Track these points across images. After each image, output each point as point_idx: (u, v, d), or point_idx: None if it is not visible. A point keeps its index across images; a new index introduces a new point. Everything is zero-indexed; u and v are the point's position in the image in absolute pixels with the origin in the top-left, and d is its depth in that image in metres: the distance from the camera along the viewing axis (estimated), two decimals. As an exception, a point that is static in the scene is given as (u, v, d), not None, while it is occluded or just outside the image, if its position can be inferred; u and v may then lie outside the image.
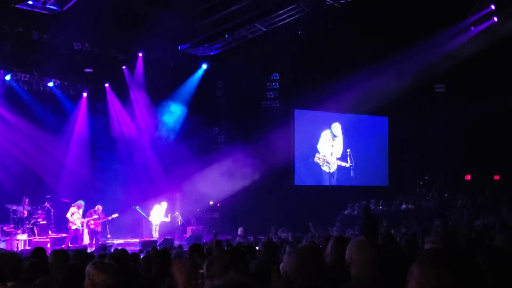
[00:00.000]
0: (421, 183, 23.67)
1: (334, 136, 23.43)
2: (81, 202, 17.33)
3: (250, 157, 20.32)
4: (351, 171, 23.77)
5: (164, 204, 18.79)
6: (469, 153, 22.31)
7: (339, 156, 23.56)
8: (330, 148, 23.39)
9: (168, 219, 18.98)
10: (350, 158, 23.64)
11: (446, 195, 22.38)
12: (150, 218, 18.49)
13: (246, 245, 10.64)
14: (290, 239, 14.26)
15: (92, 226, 17.34)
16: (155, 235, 18.23)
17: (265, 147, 20.23)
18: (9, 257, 4.31)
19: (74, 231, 17.04)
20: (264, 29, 18.95)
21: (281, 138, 21.16)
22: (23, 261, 4.55)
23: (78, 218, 17.11)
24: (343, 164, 23.59)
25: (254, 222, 19.78)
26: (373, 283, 3.66)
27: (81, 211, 17.25)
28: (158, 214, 18.57)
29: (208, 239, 16.19)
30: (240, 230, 18.10)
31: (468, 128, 22.32)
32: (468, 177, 23.50)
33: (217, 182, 20.17)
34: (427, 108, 23.09)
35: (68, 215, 17.11)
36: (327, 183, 23.42)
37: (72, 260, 6.55)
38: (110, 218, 17.77)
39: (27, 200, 17.12)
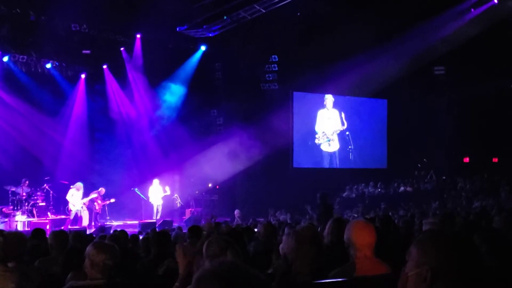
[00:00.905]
0: (419, 165, 23.71)
1: (327, 109, 23.40)
2: (80, 184, 17.34)
3: (249, 139, 20.30)
4: (350, 154, 23.79)
5: (156, 182, 18.75)
6: (467, 136, 22.33)
7: (337, 129, 23.54)
8: (327, 122, 23.37)
9: (168, 193, 18.95)
10: (349, 140, 23.64)
11: (444, 177, 22.44)
12: (150, 200, 18.53)
13: (245, 226, 10.69)
14: (289, 221, 14.32)
15: (97, 207, 17.41)
16: (157, 217, 18.26)
17: (264, 129, 20.21)
18: (15, 238, 4.33)
19: (75, 213, 17.08)
20: (263, 11, 18.83)
21: (280, 120, 21.14)
22: (24, 243, 4.56)
23: (78, 200, 17.14)
24: (342, 128, 23.56)
25: (253, 204, 19.84)
26: (372, 263, 3.68)
27: (80, 192, 17.27)
28: (156, 194, 18.58)
29: (205, 221, 16.26)
30: (236, 212, 18.12)
31: (467, 110, 22.33)
32: (466, 160, 23.56)
33: (216, 165, 20.18)
34: (426, 90, 23.04)
35: (68, 196, 17.13)
36: (325, 166, 23.44)
37: (71, 241, 6.58)
38: (107, 202, 17.84)
39: (26, 182, 17.14)
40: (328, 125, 23.43)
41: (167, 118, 21.13)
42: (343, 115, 23.59)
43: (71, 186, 17.32)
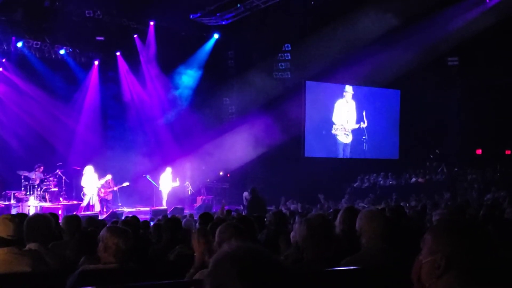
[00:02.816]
0: (431, 156, 23.61)
1: (345, 101, 23.35)
2: (90, 167, 17.33)
3: (261, 128, 20.27)
4: (364, 144, 23.73)
5: (169, 170, 18.85)
6: (480, 127, 22.17)
7: (354, 122, 23.51)
8: (346, 115, 23.33)
9: (177, 184, 19.02)
10: (364, 131, 23.58)
11: (456, 169, 22.33)
12: (160, 188, 18.64)
13: (256, 215, 10.70)
14: (300, 210, 14.34)
15: (102, 195, 17.46)
16: (165, 204, 18.36)
17: (276, 118, 20.19)
18: (39, 220, 4.37)
19: (89, 198, 17.15)
20: (277, -1, 18.77)
21: (292, 109, 21.11)
22: (52, 225, 4.63)
23: (93, 183, 17.16)
24: (363, 126, 23.53)
25: (264, 193, 19.77)
26: (383, 253, 3.69)
27: (92, 174, 17.28)
28: (166, 182, 18.68)
29: (218, 209, 16.32)
30: (245, 194, 18.14)
31: (480, 102, 22.14)
32: (479, 152, 23.42)
33: (227, 153, 20.20)
34: (440, 81, 22.88)
35: (83, 182, 17.23)
36: (338, 156, 23.40)
37: (85, 226, 6.64)
38: (116, 188, 17.89)
39: (41, 167, 17.23)
40: (348, 119, 23.39)
41: (179, 105, 21.17)
42: (364, 113, 23.53)
43: (83, 172, 17.40)
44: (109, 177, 17.72)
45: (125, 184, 17.87)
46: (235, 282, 1.58)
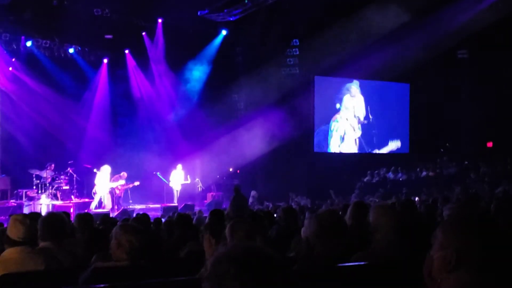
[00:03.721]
0: (442, 150, 23.51)
1: (352, 96, 23.29)
2: (106, 167, 17.46)
3: (270, 124, 20.27)
4: (374, 138, 23.68)
5: (179, 167, 18.92)
6: (491, 120, 22.04)
7: (362, 117, 23.47)
8: (352, 110, 23.29)
9: (188, 181, 19.12)
10: (373, 123, 23.56)
11: (467, 162, 22.22)
12: (170, 184, 18.70)
13: (265, 211, 10.71)
14: (309, 206, 14.34)
15: (117, 192, 17.55)
16: (176, 201, 18.42)
17: (285, 114, 20.18)
18: (54, 220, 4.41)
19: (99, 196, 17.24)
20: (284, -6, 18.74)
21: (301, 104, 21.10)
22: (67, 224, 4.67)
23: (105, 183, 17.27)
24: (364, 122, 23.51)
25: (273, 189, 19.86)
26: (394, 248, 3.69)
27: (108, 175, 17.39)
28: (177, 179, 18.74)
29: (227, 205, 16.33)
30: (253, 193, 18.15)
31: (490, 94, 22.01)
32: (490, 144, 23.29)
33: (236, 149, 20.23)
34: (450, 74, 22.78)
35: (96, 180, 17.33)
36: (346, 150, 23.37)
37: (98, 223, 6.68)
38: (131, 185, 17.97)
39: (52, 165, 17.33)
40: (356, 113, 23.35)
41: (188, 102, 21.21)
42: (369, 108, 23.48)
43: (95, 170, 17.48)
44: (124, 174, 17.82)
45: (136, 183, 17.96)
46: (233, 282, 1.58)
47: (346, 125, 23.16)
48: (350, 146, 23.43)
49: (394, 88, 24.24)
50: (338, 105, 23.11)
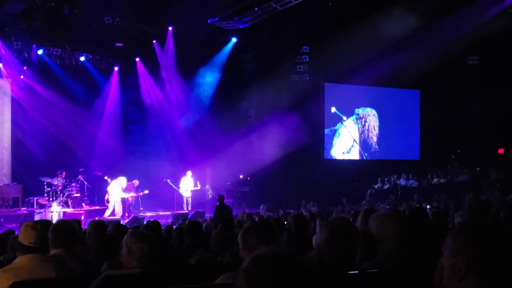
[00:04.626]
0: (453, 157, 23.38)
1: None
2: (123, 179, 17.52)
3: (280, 130, 20.28)
4: (384, 144, 23.65)
5: (189, 173, 18.98)
6: (502, 126, 21.92)
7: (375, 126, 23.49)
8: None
9: (198, 187, 19.17)
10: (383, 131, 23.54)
11: (478, 169, 22.08)
12: (180, 191, 18.73)
13: (276, 218, 10.70)
14: (320, 213, 14.29)
15: (130, 199, 17.61)
16: (187, 208, 18.45)
17: (295, 121, 20.17)
18: (65, 227, 4.42)
19: (113, 204, 17.30)
20: (294, 1, 18.75)
21: (311, 111, 21.09)
22: (77, 231, 4.69)
23: (119, 193, 17.33)
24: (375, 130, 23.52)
25: (284, 196, 19.82)
26: (404, 255, 3.66)
27: (122, 185, 17.45)
28: (187, 186, 18.77)
29: (238, 213, 16.32)
30: (262, 207, 18.12)
31: (501, 100, 21.88)
32: (501, 151, 23.15)
33: (246, 156, 20.23)
34: (460, 80, 22.68)
35: (109, 188, 17.39)
36: (357, 157, 23.32)
37: (111, 230, 6.70)
38: (141, 194, 18.02)
39: (63, 173, 17.44)
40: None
41: (199, 109, 21.27)
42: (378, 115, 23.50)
43: (106, 178, 17.52)
44: (136, 182, 17.90)
45: (146, 191, 18.02)
46: (269, 280, 1.74)
47: (353, 130, 23.13)
48: (361, 152, 23.38)
49: (405, 95, 24.18)
50: (349, 111, 23.10)
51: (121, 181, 17.45)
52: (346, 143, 23.20)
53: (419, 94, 24.19)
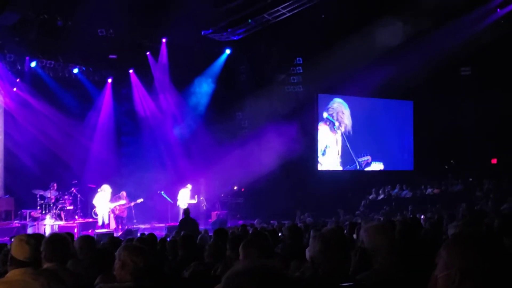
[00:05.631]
0: (446, 167, 23.44)
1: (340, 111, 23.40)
2: (106, 187, 17.46)
3: (274, 142, 20.29)
4: (377, 155, 23.67)
5: (189, 186, 18.94)
6: (495, 137, 22.00)
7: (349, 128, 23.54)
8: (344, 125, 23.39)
9: (195, 201, 19.11)
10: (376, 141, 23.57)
11: (471, 179, 22.14)
12: (178, 203, 18.65)
13: (270, 229, 10.67)
14: (314, 224, 14.26)
15: (117, 212, 17.50)
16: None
17: (289, 132, 20.19)
18: (58, 241, 4.40)
19: (102, 216, 17.22)
20: (288, 13, 18.82)
21: (305, 123, 21.12)
22: (70, 245, 4.67)
23: (105, 203, 17.26)
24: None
25: (278, 207, 19.80)
26: (398, 267, 3.66)
27: (108, 194, 17.39)
28: (184, 198, 18.71)
29: (232, 224, 16.29)
30: (256, 221, 18.06)
31: (494, 111, 21.97)
32: (494, 161, 23.22)
33: (241, 167, 20.20)
34: (453, 91, 22.78)
35: (95, 200, 17.33)
36: (351, 168, 23.34)
37: (105, 244, 6.65)
38: (133, 204, 17.93)
39: (55, 185, 17.37)
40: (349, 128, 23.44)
41: (192, 121, 21.24)
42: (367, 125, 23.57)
43: (98, 190, 17.48)
44: (123, 193, 17.79)
45: (139, 200, 17.91)
46: None
47: (350, 143, 23.17)
48: (354, 163, 23.41)
49: (398, 106, 24.27)
50: (337, 124, 23.14)
51: (105, 188, 17.36)
52: (333, 153, 23.21)
53: (412, 105, 24.28)
